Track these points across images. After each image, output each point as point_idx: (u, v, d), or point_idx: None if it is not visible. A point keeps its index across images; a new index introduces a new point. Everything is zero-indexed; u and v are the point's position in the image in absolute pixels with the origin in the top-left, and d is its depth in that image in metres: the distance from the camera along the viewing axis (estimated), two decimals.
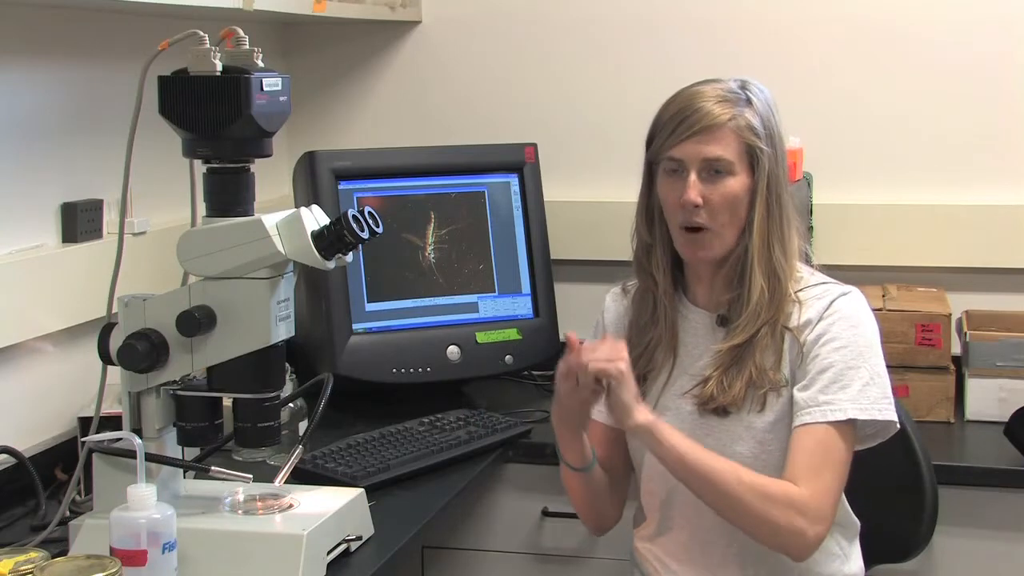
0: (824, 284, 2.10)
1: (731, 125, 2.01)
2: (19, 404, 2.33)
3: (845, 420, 1.99)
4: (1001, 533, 2.52)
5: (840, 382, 2.01)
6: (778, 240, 2.05)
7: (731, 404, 2.04)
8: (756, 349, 2.04)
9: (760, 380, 2.03)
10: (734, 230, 2.04)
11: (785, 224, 2.06)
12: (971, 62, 2.97)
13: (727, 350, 2.06)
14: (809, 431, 2.00)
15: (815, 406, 2.00)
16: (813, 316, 2.04)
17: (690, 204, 2.01)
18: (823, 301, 2.05)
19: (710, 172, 2.02)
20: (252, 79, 1.84)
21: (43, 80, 2.41)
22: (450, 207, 2.91)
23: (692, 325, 2.14)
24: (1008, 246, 2.95)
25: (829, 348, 2.02)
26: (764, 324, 2.04)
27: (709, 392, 2.05)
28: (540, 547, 2.68)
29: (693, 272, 2.13)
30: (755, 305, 2.04)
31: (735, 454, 2.04)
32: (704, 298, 2.13)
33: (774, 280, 2.04)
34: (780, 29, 3.06)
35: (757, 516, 1.96)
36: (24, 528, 2.14)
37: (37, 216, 2.39)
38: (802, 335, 2.04)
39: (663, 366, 2.13)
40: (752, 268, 2.04)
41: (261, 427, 1.94)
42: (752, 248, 2.03)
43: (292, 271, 1.93)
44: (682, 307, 2.15)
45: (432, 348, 2.82)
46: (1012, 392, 2.69)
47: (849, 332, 2.03)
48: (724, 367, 2.05)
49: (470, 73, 3.25)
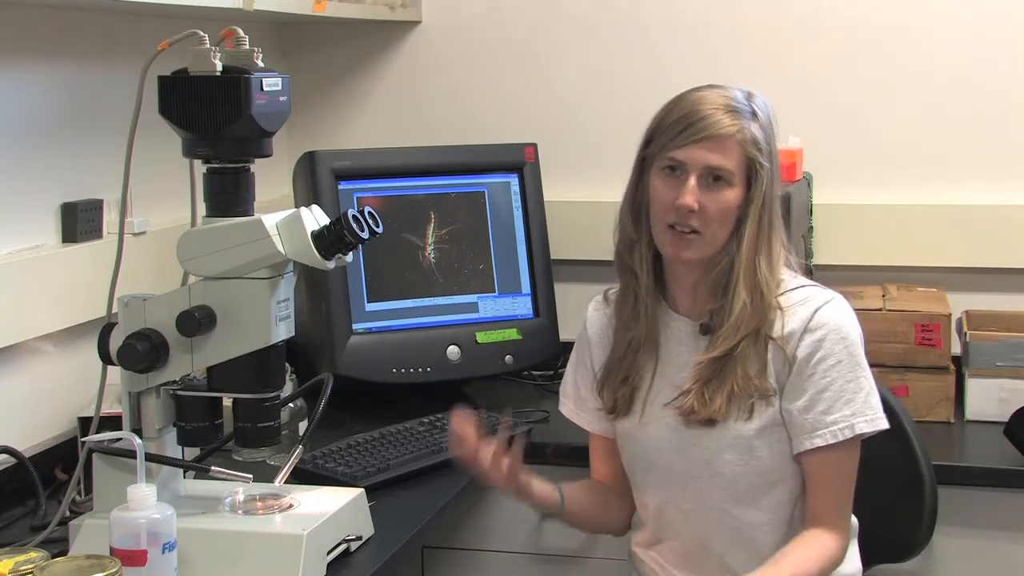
0: (804, 288, 2.08)
1: (737, 137, 2.00)
2: (19, 404, 2.33)
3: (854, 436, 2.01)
4: (1001, 533, 2.52)
5: (843, 397, 2.01)
6: (765, 255, 2.03)
7: (714, 415, 2.03)
8: (738, 360, 2.02)
9: (746, 389, 2.02)
10: (720, 239, 2.03)
11: (774, 240, 2.05)
12: (971, 62, 2.97)
13: (707, 362, 2.04)
14: (824, 457, 2.01)
15: (824, 428, 2.00)
16: (797, 327, 2.02)
17: (686, 208, 2.00)
18: (806, 309, 2.04)
19: (709, 180, 2.00)
20: (252, 79, 1.84)
21: (43, 80, 2.41)
22: (450, 207, 2.91)
23: (674, 333, 2.12)
24: (1008, 246, 2.95)
25: (825, 366, 2.01)
26: (746, 336, 2.02)
27: (689, 405, 2.04)
28: (540, 547, 2.68)
29: (674, 277, 2.11)
30: (736, 318, 2.02)
31: (723, 462, 2.04)
32: (686, 306, 2.11)
33: (757, 294, 2.03)
34: (780, 30, 3.06)
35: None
36: (24, 528, 2.14)
37: (37, 216, 2.39)
38: (787, 346, 2.02)
39: (645, 371, 2.12)
40: (737, 281, 2.02)
41: (261, 427, 1.95)
42: (739, 262, 2.02)
43: (292, 271, 1.93)
44: (663, 313, 2.12)
45: (432, 348, 2.82)
46: (1012, 392, 2.69)
47: (840, 346, 2.02)
48: (704, 380, 2.04)
49: (470, 73, 3.25)
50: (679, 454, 2.07)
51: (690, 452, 2.06)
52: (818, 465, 2.03)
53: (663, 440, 2.09)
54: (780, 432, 2.04)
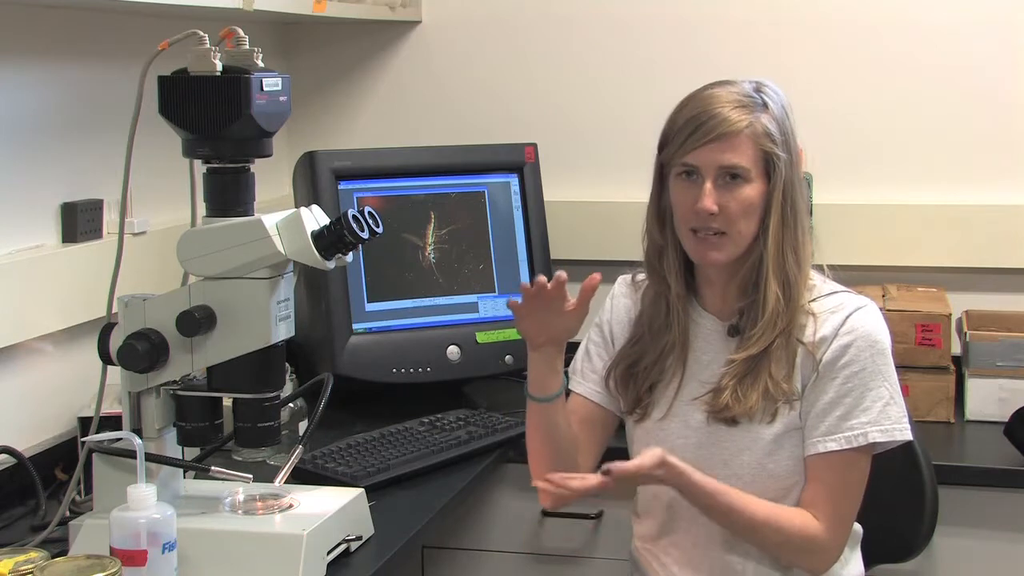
0: (837, 294, 2.07)
1: (748, 132, 1.99)
2: (19, 404, 2.33)
3: (867, 444, 2.00)
4: (1001, 533, 2.52)
5: (861, 405, 2.00)
6: (792, 248, 2.03)
7: (744, 414, 2.03)
8: (771, 360, 2.02)
9: (775, 391, 2.02)
10: (748, 235, 2.02)
11: (800, 231, 2.04)
12: (971, 62, 2.97)
13: (742, 360, 2.03)
14: (831, 459, 2.01)
15: (838, 433, 2.00)
16: (828, 333, 2.02)
17: (705, 212, 1.99)
18: (838, 316, 2.03)
19: (726, 179, 1.99)
20: (252, 79, 1.84)
21: (43, 80, 2.41)
22: (450, 207, 2.91)
23: (703, 331, 2.12)
24: (1008, 246, 2.95)
25: (848, 372, 2.01)
26: (779, 334, 2.02)
27: (724, 402, 2.04)
28: (540, 547, 2.68)
29: (704, 276, 2.11)
30: (771, 314, 2.02)
31: (740, 464, 2.04)
32: (716, 304, 2.11)
33: (787, 288, 2.02)
34: (781, 30, 3.06)
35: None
36: (24, 528, 2.14)
37: (37, 216, 2.39)
38: (818, 352, 2.02)
39: (674, 372, 2.12)
40: (767, 276, 2.01)
41: (261, 427, 1.94)
42: (767, 256, 2.01)
43: (292, 271, 1.93)
44: (693, 312, 2.13)
45: (432, 348, 2.82)
46: (1012, 392, 2.69)
47: (868, 353, 2.01)
48: (739, 377, 2.03)
49: (470, 73, 3.25)
50: (698, 451, 2.07)
51: (709, 451, 2.06)
52: (825, 468, 2.02)
53: (684, 436, 2.08)
54: (798, 437, 2.03)
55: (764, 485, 2.04)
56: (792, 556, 2.04)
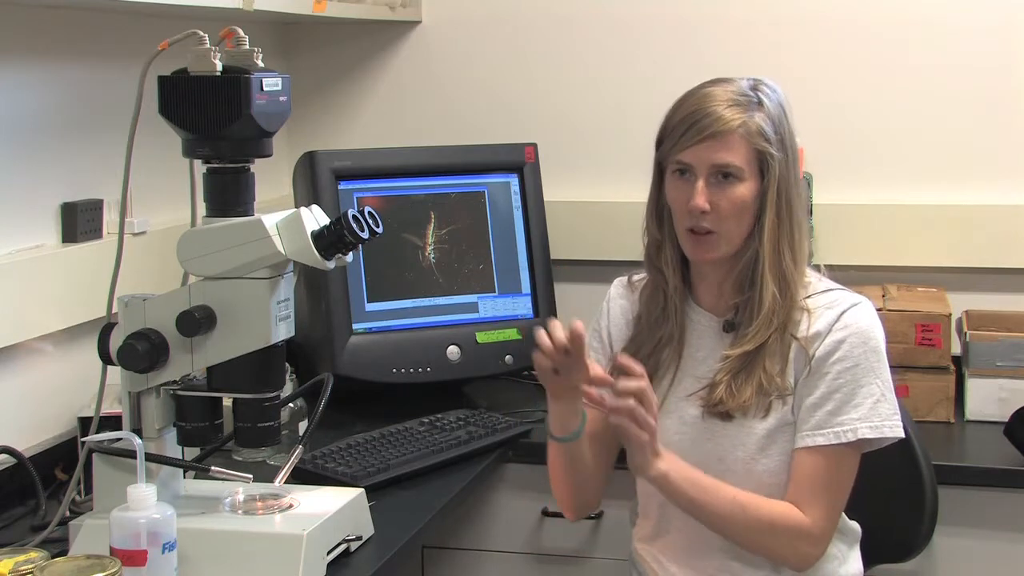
0: (832, 291, 2.08)
1: (741, 131, 1.99)
2: (19, 404, 2.33)
3: (856, 440, 2.00)
4: (1001, 533, 2.52)
5: (852, 401, 2.01)
6: (788, 246, 2.04)
7: (738, 409, 2.04)
8: (765, 355, 2.03)
9: (769, 386, 2.03)
10: (741, 234, 2.04)
11: (796, 229, 2.05)
12: (971, 62, 2.97)
13: (737, 356, 2.04)
14: (818, 452, 2.01)
15: (827, 428, 2.01)
16: (822, 328, 2.03)
17: (697, 210, 2.00)
18: (832, 312, 2.04)
19: (719, 177, 2.01)
20: (252, 79, 1.84)
21: (43, 80, 2.41)
22: (450, 207, 2.91)
23: (698, 327, 2.13)
24: (1008, 246, 2.95)
25: (840, 367, 2.02)
26: (775, 331, 2.03)
27: (718, 396, 2.05)
28: (540, 547, 2.68)
29: (699, 273, 2.13)
30: (767, 311, 2.03)
31: (735, 459, 2.05)
32: (711, 301, 2.12)
33: (784, 285, 2.03)
34: (781, 30, 3.06)
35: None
36: (24, 528, 2.14)
37: (37, 216, 2.39)
38: (811, 347, 2.03)
39: (668, 366, 2.13)
40: (763, 274, 2.02)
41: (261, 427, 1.94)
42: (763, 254, 2.02)
43: (292, 271, 1.93)
44: (689, 308, 2.14)
45: (432, 348, 2.82)
46: (1012, 392, 2.69)
47: (860, 349, 2.02)
48: (734, 372, 2.05)
49: (470, 73, 3.25)
50: (693, 447, 2.07)
51: (704, 447, 2.06)
52: (813, 463, 2.02)
53: (679, 432, 2.09)
54: (790, 433, 2.04)
55: (758, 480, 2.04)
56: (778, 547, 2.03)
